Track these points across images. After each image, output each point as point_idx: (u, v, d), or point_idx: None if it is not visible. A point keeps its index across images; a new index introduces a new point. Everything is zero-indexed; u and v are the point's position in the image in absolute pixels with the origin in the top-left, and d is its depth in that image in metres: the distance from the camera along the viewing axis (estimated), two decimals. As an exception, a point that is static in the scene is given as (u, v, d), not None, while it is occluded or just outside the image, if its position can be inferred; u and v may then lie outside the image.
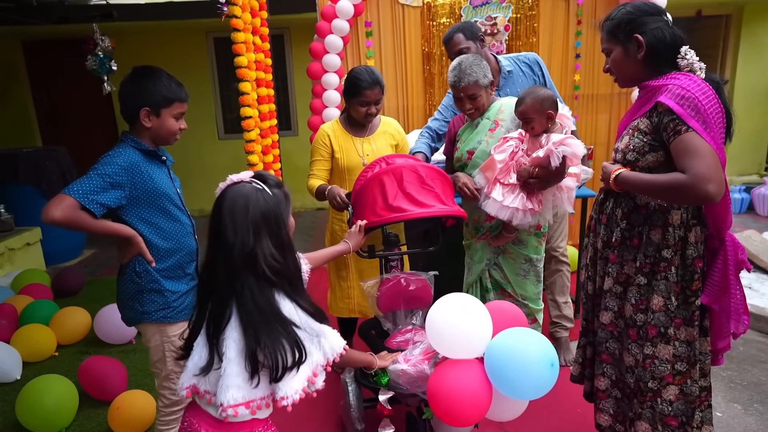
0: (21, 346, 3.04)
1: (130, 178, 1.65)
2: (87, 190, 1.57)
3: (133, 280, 1.72)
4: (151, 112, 1.71)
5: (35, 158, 4.90)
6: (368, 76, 2.38)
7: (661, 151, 1.57)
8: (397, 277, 2.00)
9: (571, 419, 2.39)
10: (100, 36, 4.66)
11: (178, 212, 1.80)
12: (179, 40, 6.50)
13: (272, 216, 1.25)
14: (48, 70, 6.63)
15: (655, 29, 1.59)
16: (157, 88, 1.70)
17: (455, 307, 1.57)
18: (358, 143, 2.51)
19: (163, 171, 1.79)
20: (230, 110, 6.85)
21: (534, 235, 2.38)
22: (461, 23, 2.72)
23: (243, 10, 3.10)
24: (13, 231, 4.57)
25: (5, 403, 2.70)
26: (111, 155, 1.66)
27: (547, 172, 2.07)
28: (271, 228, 1.25)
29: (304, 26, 6.02)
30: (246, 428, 1.26)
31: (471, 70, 2.23)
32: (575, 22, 4.31)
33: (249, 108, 3.17)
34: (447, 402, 1.51)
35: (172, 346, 1.78)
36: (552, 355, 1.47)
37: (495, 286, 2.43)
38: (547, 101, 2.11)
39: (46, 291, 3.88)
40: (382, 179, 2.00)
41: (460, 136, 2.42)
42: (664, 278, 1.64)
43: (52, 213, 1.52)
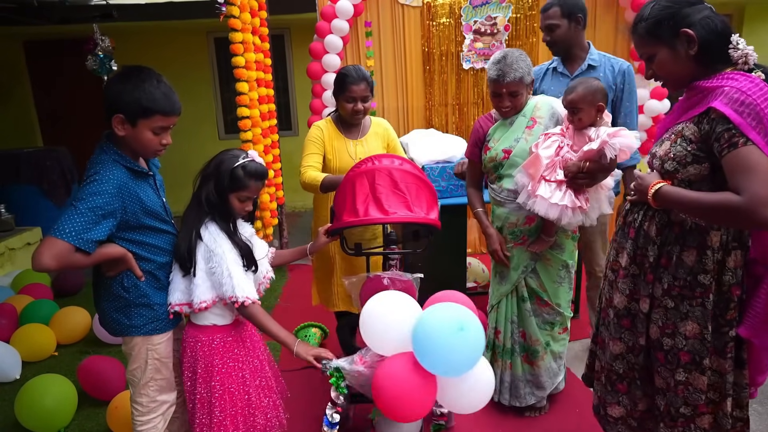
0: (21, 346, 3.04)
1: (121, 203, 1.51)
2: (79, 229, 1.42)
3: (120, 295, 1.63)
4: (125, 119, 1.51)
5: (36, 158, 4.91)
6: (354, 72, 2.37)
7: (706, 164, 1.39)
8: (381, 276, 1.93)
9: (572, 420, 2.38)
10: (101, 36, 4.67)
11: (164, 225, 1.70)
12: (180, 41, 6.51)
13: (226, 173, 1.70)
14: (49, 71, 6.64)
15: (703, 19, 1.39)
16: (137, 94, 1.48)
17: (380, 304, 1.61)
18: (350, 145, 2.48)
19: (150, 185, 1.66)
20: (231, 110, 6.85)
21: (571, 239, 2.27)
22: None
23: (242, 10, 3.11)
24: (14, 231, 4.57)
25: (5, 402, 2.70)
26: (98, 181, 1.48)
27: (599, 167, 1.99)
28: (218, 179, 1.70)
29: (304, 26, 6.02)
30: (206, 332, 1.73)
31: (517, 66, 2.09)
32: (575, 22, 4.31)
33: (246, 108, 3.18)
34: (388, 398, 1.50)
35: (156, 354, 1.71)
36: (463, 320, 1.46)
37: (531, 295, 2.30)
38: (600, 93, 2.02)
39: (46, 291, 3.89)
40: (355, 181, 1.95)
41: (492, 136, 2.27)
42: (701, 305, 1.48)
43: (46, 262, 1.39)
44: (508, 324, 2.33)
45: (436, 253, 3.16)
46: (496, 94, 2.18)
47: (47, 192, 4.91)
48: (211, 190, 1.70)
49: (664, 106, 4.18)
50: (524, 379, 2.36)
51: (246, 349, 1.81)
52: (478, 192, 2.42)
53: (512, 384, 2.37)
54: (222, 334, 1.75)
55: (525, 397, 2.36)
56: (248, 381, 1.78)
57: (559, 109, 2.17)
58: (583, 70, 2.53)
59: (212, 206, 1.71)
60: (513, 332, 2.33)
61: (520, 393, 2.36)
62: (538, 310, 2.31)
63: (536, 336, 2.30)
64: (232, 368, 1.75)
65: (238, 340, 1.79)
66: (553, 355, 2.35)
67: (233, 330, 1.78)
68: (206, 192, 1.71)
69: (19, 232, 4.57)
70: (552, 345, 2.34)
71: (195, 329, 1.76)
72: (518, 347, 2.34)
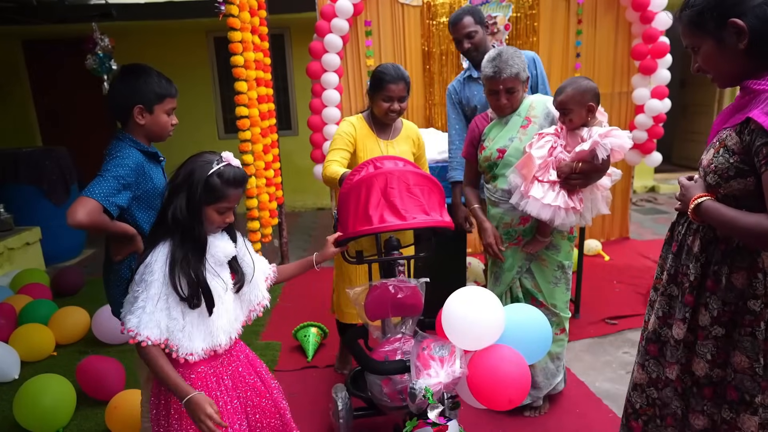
0: (19, 346, 3.04)
1: (136, 179, 1.69)
2: (106, 192, 1.60)
3: (127, 277, 1.73)
4: (144, 109, 1.73)
5: (35, 158, 4.89)
6: (393, 70, 2.31)
7: (751, 178, 1.24)
8: (385, 283, 1.87)
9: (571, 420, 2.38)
10: (100, 35, 4.66)
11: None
12: (179, 40, 6.50)
13: (200, 184, 1.44)
14: (48, 70, 6.63)
15: (757, 7, 1.20)
16: (149, 85, 1.72)
17: (472, 299, 1.64)
18: (382, 145, 2.42)
19: (160, 170, 1.84)
20: (230, 110, 6.81)
21: (567, 240, 2.26)
22: (468, 6, 2.69)
23: (241, 9, 3.10)
24: (13, 230, 4.56)
25: (3, 402, 2.69)
26: (120, 157, 1.67)
27: (592, 167, 1.98)
28: (190, 191, 1.44)
29: (304, 26, 6.00)
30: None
31: (513, 62, 2.08)
32: (576, 21, 4.30)
33: (245, 107, 3.17)
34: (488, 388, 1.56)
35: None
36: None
37: (526, 296, 2.29)
38: (589, 93, 2.01)
39: (45, 291, 3.88)
40: (361, 188, 1.83)
41: (487, 135, 2.27)
42: (751, 334, 1.32)
43: (79, 217, 1.52)
44: None
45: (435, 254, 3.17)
46: (492, 92, 2.17)
47: (46, 192, 4.89)
48: (181, 205, 1.44)
49: (665, 105, 4.17)
50: None
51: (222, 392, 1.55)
52: (474, 190, 2.42)
53: None
54: (183, 370, 1.48)
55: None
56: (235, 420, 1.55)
57: (554, 108, 2.16)
58: None
59: (178, 224, 1.44)
60: None
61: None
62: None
63: None
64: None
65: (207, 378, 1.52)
66: (549, 355, 2.33)
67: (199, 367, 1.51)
68: (173, 208, 1.44)
69: (18, 231, 4.56)
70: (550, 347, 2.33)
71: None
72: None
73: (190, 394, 1.40)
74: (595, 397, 2.53)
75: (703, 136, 7.40)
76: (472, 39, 2.63)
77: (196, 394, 1.40)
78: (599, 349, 3.01)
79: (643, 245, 4.75)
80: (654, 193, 7.06)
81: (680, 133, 7.83)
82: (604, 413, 2.41)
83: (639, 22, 4.08)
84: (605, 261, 4.37)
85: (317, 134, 4.00)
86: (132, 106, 1.71)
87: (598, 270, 4.13)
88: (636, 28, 4.16)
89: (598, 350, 3.00)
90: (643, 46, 4.08)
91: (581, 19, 4.29)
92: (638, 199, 6.59)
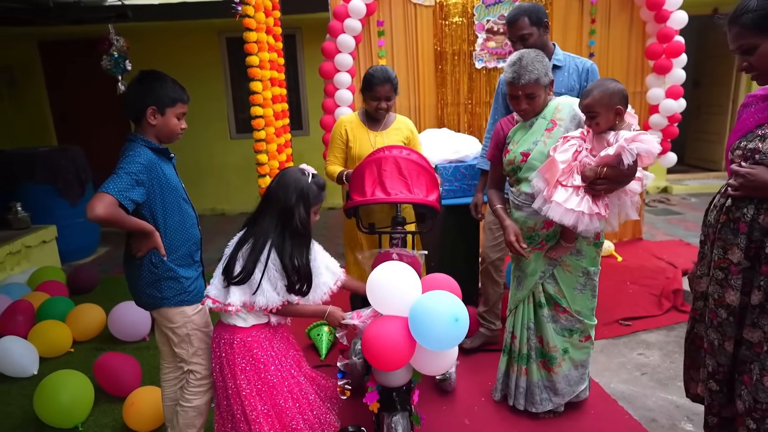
0: (38, 342, 3.08)
1: (149, 175, 1.79)
2: (121, 188, 1.70)
3: (150, 271, 1.86)
4: (156, 110, 1.84)
5: (51, 157, 4.95)
6: (381, 73, 2.57)
7: None
8: (391, 251, 2.10)
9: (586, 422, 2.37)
10: (116, 36, 4.70)
11: (186, 205, 1.95)
12: (192, 40, 6.54)
13: (306, 195, 1.82)
14: (63, 70, 6.71)
15: None
16: (163, 89, 1.85)
17: (392, 272, 1.80)
18: (371, 136, 2.70)
19: (171, 167, 1.95)
20: (242, 110, 6.88)
21: (593, 245, 2.21)
22: (526, 4, 2.54)
23: (256, 9, 3.12)
24: (30, 229, 4.63)
25: (24, 397, 2.74)
26: (132, 155, 1.78)
27: (617, 173, 1.93)
28: (305, 202, 1.82)
29: (315, 26, 6.03)
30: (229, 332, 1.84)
31: (533, 67, 2.05)
32: (589, 21, 4.29)
33: (260, 107, 3.18)
34: (375, 348, 1.72)
35: (193, 324, 1.95)
36: (457, 311, 1.66)
37: (548, 301, 2.26)
38: (617, 95, 1.95)
39: (62, 288, 3.93)
40: (365, 168, 2.24)
41: (511, 138, 2.24)
42: None
43: (97, 211, 1.63)
44: (524, 330, 2.30)
45: (449, 253, 3.18)
46: (513, 97, 2.15)
47: (62, 191, 4.95)
48: (302, 214, 1.81)
49: (680, 105, 4.14)
50: (541, 385, 2.33)
51: (269, 353, 1.86)
52: (498, 192, 2.39)
53: (528, 390, 2.34)
54: (242, 335, 1.84)
55: (541, 402, 2.33)
56: (274, 383, 1.84)
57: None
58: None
59: (299, 232, 1.81)
60: (529, 338, 2.30)
61: (536, 399, 2.33)
62: (556, 316, 2.27)
63: (553, 342, 2.27)
64: (253, 368, 1.83)
65: (261, 343, 1.85)
66: (573, 362, 2.31)
67: (256, 332, 1.86)
68: (300, 218, 1.80)
69: (34, 230, 4.62)
70: (571, 352, 2.30)
71: (221, 327, 1.89)
72: (534, 353, 2.31)
73: (327, 310, 1.90)
74: (611, 399, 2.52)
75: (717, 137, 7.32)
76: (526, 41, 2.50)
77: (331, 308, 1.90)
78: (613, 350, 3.00)
79: (655, 246, 4.72)
80: (666, 193, 7.00)
81: (693, 134, 7.76)
82: (619, 414, 2.40)
83: (653, 21, 4.05)
84: (618, 262, 4.35)
85: (329, 134, 4.01)
86: (146, 107, 1.83)
87: (611, 271, 4.11)
88: (650, 27, 4.14)
89: (613, 351, 2.99)
90: (657, 45, 4.06)
91: (595, 18, 4.27)
92: (651, 200, 6.55)
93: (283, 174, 1.89)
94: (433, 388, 2.65)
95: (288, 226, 1.81)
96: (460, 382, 2.68)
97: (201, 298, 1.94)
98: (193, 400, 1.99)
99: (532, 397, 2.34)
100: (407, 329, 1.73)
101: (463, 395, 2.60)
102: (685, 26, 4.01)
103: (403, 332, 1.72)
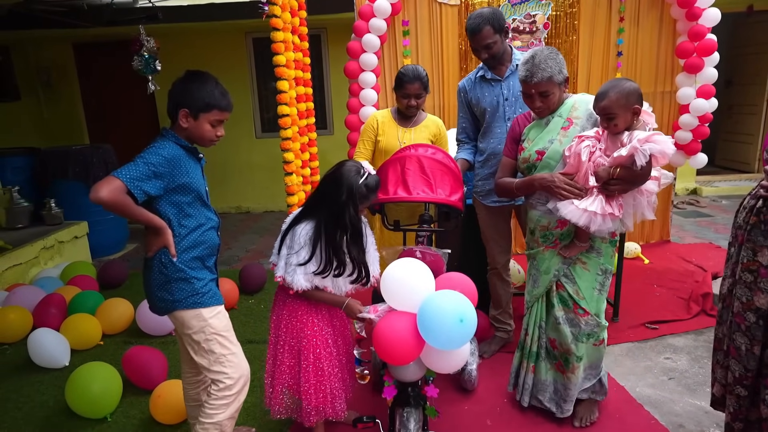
0: (69, 334, 3.18)
1: (170, 170, 1.71)
2: (134, 176, 1.63)
3: (160, 271, 1.77)
4: (189, 113, 1.76)
5: (83, 155, 5.10)
6: (411, 72, 2.65)
7: None
8: (414, 249, 2.12)
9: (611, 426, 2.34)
10: (146, 37, 4.81)
11: (205, 209, 1.86)
12: (219, 41, 6.65)
13: (354, 195, 1.88)
14: (96, 71, 6.90)
15: None
16: (201, 92, 1.75)
17: (406, 268, 1.80)
18: (400, 132, 2.80)
19: (198, 168, 1.85)
20: (267, 109, 6.97)
21: (609, 244, 2.17)
22: (486, 12, 2.51)
23: (282, 9, 3.15)
24: (63, 225, 4.78)
25: (56, 387, 2.82)
26: (156, 147, 1.72)
27: (631, 173, 1.91)
28: (353, 201, 1.88)
29: (340, 26, 6.07)
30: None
31: (545, 65, 2.03)
32: (617, 19, 4.22)
33: (286, 106, 3.22)
34: (384, 342, 1.75)
35: (211, 328, 1.83)
36: (463, 312, 1.65)
37: (565, 302, 2.20)
38: (633, 95, 1.91)
39: (92, 282, 4.04)
40: (388, 166, 2.29)
41: (527, 135, 2.22)
42: None
43: (101, 193, 1.57)
44: (536, 328, 2.29)
45: (470, 253, 3.16)
46: (526, 95, 2.15)
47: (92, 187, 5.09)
48: (352, 212, 1.89)
49: (712, 105, 4.03)
50: (551, 387, 2.31)
51: (312, 318, 2.02)
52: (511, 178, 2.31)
53: (534, 387, 2.34)
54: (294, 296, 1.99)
55: (543, 402, 2.32)
56: (304, 343, 2.00)
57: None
58: (513, 71, 2.63)
59: (352, 226, 1.90)
60: (540, 336, 2.28)
61: (540, 397, 2.33)
62: (576, 320, 2.19)
63: (567, 346, 2.20)
64: (293, 325, 2.01)
65: (307, 307, 2.02)
66: (585, 368, 2.26)
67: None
68: (350, 216, 1.89)
69: (67, 225, 4.77)
70: (585, 357, 2.24)
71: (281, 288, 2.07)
72: (544, 352, 2.29)
73: (345, 302, 1.97)
74: (636, 403, 2.48)
75: (750, 137, 7.12)
76: (490, 50, 2.54)
77: (349, 300, 1.98)
78: (639, 353, 2.95)
79: (684, 249, 4.61)
80: (696, 195, 6.83)
81: (724, 134, 7.55)
82: (645, 419, 2.36)
83: (684, 19, 3.96)
84: (645, 264, 4.26)
85: (354, 133, 4.03)
86: (179, 108, 1.75)
87: (637, 273, 4.04)
88: (681, 25, 4.04)
89: (639, 355, 2.93)
90: (688, 43, 3.96)
91: (623, 16, 4.19)
92: (679, 202, 6.40)
93: (339, 167, 1.94)
94: (456, 388, 2.65)
95: (340, 219, 1.88)
96: (482, 383, 2.67)
97: (218, 300, 1.88)
98: (215, 414, 1.85)
99: (537, 394, 2.34)
100: (416, 326, 1.74)
101: (485, 396, 2.59)
102: (718, 23, 3.90)
103: (413, 328, 1.73)
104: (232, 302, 3.73)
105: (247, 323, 3.54)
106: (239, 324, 3.50)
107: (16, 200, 4.72)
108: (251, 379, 1.98)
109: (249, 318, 3.62)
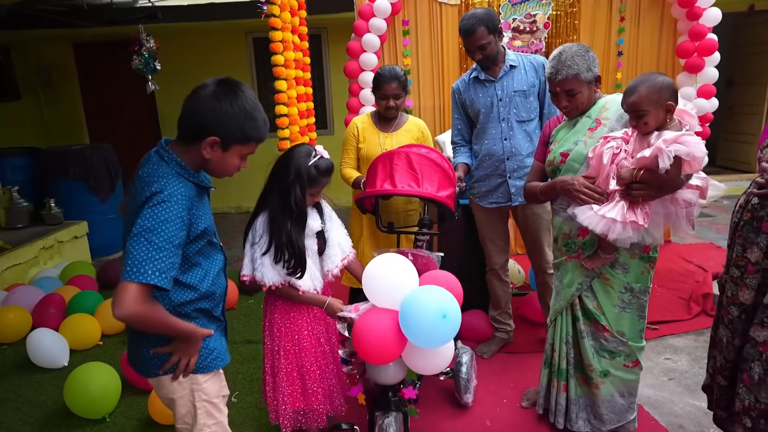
0: (68, 335, 3.17)
1: (188, 221, 1.33)
2: (161, 267, 1.23)
3: (164, 336, 1.42)
4: (218, 143, 1.34)
5: (83, 155, 5.09)
6: (388, 71, 2.59)
7: None
8: (407, 251, 2.09)
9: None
10: (146, 37, 4.81)
11: (214, 251, 1.49)
12: (219, 41, 6.65)
13: (302, 176, 1.83)
14: (96, 71, 6.90)
15: None
16: (240, 119, 1.34)
17: (387, 264, 1.76)
18: (381, 137, 2.71)
19: (207, 203, 1.48)
20: (268, 109, 6.85)
21: (639, 259, 1.98)
22: (480, 12, 2.49)
23: (282, 9, 3.14)
24: (62, 224, 4.77)
25: (55, 388, 2.82)
26: (168, 203, 1.27)
27: (656, 177, 1.71)
28: (301, 182, 1.83)
29: (340, 26, 6.06)
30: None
31: (572, 62, 1.91)
32: (618, 19, 4.21)
33: (284, 106, 3.21)
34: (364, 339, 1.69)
35: (203, 394, 1.49)
36: (447, 309, 1.59)
37: (587, 315, 2.07)
38: (667, 90, 1.72)
39: (92, 282, 4.03)
40: (378, 162, 2.28)
41: (554, 137, 2.11)
42: None
43: (125, 308, 1.20)
44: (563, 344, 2.15)
45: (470, 253, 3.15)
46: (552, 93, 2.05)
47: (93, 187, 5.08)
48: (298, 194, 1.84)
49: (712, 104, 4.03)
50: (580, 402, 2.17)
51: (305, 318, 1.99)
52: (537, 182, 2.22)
53: (567, 407, 2.19)
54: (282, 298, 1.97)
55: (577, 420, 2.17)
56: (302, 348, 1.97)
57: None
58: (506, 71, 2.61)
59: (298, 208, 1.85)
60: (568, 352, 2.14)
61: (572, 416, 2.18)
62: (596, 334, 2.08)
63: (588, 360, 2.09)
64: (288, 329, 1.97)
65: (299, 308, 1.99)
66: (616, 387, 2.12)
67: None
68: (295, 197, 1.84)
69: (67, 225, 4.76)
70: (613, 376, 2.10)
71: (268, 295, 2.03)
72: (572, 368, 2.16)
73: (326, 301, 1.96)
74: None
75: (750, 137, 7.10)
76: (485, 51, 2.51)
77: (330, 299, 1.96)
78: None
79: (684, 249, 4.60)
80: (697, 195, 6.82)
81: (724, 134, 7.53)
82: (645, 420, 2.35)
83: (685, 19, 3.95)
84: (645, 264, 4.25)
85: (354, 133, 4.03)
86: (207, 135, 1.32)
87: (638, 274, 4.03)
88: (682, 24, 4.04)
89: (639, 355, 2.92)
90: (689, 43, 3.96)
91: (624, 16, 4.19)
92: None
93: (289, 150, 1.91)
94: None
95: (285, 203, 1.84)
96: (482, 383, 2.66)
97: (223, 361, 1.54)
98: None
99: (569, 414, 2.19)
100: (398, 323, 1.67)
101: (484, 396, 2.58)
102: (718, 23, 3.90)
103: (394, 326, 1.66)
104: (231, 302, 3.72)
105: (247, 323, 3.53)
106: (239, 324, 3.50)
107: (16, 200, 4.71)
108: (250, 379, 1.97)
109: (249, 318, 3.61)
